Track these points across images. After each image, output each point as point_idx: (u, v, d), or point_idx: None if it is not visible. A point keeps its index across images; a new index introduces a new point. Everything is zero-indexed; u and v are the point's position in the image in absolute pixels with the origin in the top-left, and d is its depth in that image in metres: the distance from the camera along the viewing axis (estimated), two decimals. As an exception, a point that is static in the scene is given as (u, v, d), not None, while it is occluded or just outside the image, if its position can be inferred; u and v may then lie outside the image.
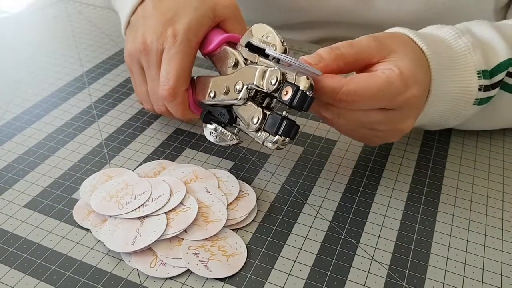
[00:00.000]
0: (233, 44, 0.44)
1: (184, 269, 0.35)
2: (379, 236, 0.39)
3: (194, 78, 0.45)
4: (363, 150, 0.48)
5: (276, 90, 0.37)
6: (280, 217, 0.40)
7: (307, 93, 0.35)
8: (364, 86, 0.36)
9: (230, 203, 0.40)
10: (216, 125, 0.42)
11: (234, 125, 0.41)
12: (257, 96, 0.39)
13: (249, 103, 0.39)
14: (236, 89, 0.39)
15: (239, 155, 0.47)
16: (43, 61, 0.62)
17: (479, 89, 0.42)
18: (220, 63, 0.44)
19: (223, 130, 0.42)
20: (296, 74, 0.36)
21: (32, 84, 0.57)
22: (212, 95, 0.42)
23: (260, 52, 0.40)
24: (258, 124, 0.38)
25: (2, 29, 0.70)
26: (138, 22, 0.46)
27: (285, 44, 0.39)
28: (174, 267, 0.35)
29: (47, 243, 0.37)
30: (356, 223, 0.40)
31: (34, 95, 0.55)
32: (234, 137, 0.41)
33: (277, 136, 0.37)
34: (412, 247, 0.38)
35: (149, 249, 0.36)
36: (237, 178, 0.43)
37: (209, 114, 0.43)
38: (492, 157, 0.48)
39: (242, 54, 0.42)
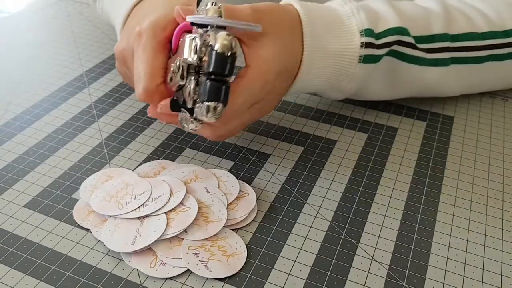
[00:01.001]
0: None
1: (184, 269, 0.35)
2: (379, 236, 0.39)
3: None
4: (363, 150, 0.48)
5: (200, 60, 0.32)
6: (280, 217, 0.40)
7: (225, 53, 0.30)
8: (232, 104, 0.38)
9: (230, 203, 0.40)
10: (183, 110, 0.38)
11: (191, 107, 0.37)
12: (201, 71, 0.34)
13: (192, 78, 0.34)
14: (177, 67, 0.35)
15: (239, 155, 0.47)
16: (43, 61, 0.62)
17: (361, 46, 0.44)
18: None
19: (185, 114, 0.38)
20: (214, 31, 0.31)
21: (32, 84, 0.57)
22: (169, 79, 0.37)
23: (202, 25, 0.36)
24: (192, 94, 0.33)
25: (2, 29, 0.70)
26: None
27: (219, 6, 0.35)
28: (174, 267, 0.35)
29: (47, 243, 0.37)
30: (356, 223, 0.40)
31: (34, 95, 0.55)
32: (193, 119, 0.37)
33: (205, 104, 0.31)
34: (412, 247, 0.38)
35: (149, 249, 0.36)
36: (237, 178, 0.43)
37: (175, 101, 0.39)
38: (492, 156, 0.48)
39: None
